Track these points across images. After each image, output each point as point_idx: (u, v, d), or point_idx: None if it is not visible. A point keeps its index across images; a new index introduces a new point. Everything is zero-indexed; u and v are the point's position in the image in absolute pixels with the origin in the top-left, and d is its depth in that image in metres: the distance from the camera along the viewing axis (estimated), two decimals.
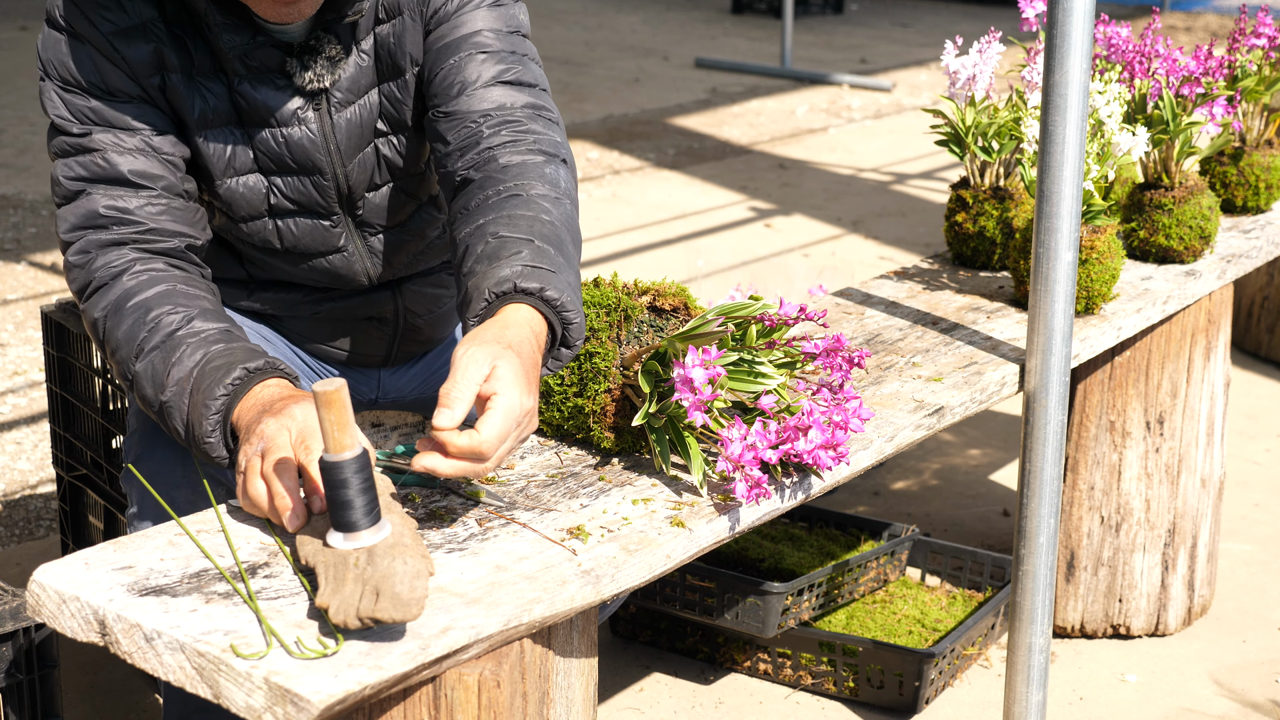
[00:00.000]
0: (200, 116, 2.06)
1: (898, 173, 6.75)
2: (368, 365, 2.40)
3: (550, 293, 1.81)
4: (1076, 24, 2.20)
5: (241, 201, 2.12)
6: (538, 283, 1.81)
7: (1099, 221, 2.54)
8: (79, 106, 2.03)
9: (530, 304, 1.81)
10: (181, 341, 1.90)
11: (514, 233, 1.89)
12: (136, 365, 1.92)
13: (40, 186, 6.11)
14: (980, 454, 3.89)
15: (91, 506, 2.85)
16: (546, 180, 1.99)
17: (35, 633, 2.11)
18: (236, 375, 1.83)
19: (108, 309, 1.96)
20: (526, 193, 1.96)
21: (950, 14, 11.36)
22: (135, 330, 1.93)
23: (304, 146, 2.10)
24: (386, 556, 1.57)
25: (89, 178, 2.02)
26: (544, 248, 1.88)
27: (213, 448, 1.84)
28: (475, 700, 1.62)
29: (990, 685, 2.86)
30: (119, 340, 1.94)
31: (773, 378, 1.94)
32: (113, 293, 1.97)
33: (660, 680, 2.85)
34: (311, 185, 2.13)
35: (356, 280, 2.25)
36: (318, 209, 2.16)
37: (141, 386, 1.92)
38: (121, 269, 1.98)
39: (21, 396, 4.13)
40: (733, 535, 1.91)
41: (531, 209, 1.94)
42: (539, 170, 2.00)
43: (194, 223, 2.07)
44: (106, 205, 2.01)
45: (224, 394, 1.82)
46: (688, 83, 8.65)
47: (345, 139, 2.12)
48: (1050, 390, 2.34)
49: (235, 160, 2.09)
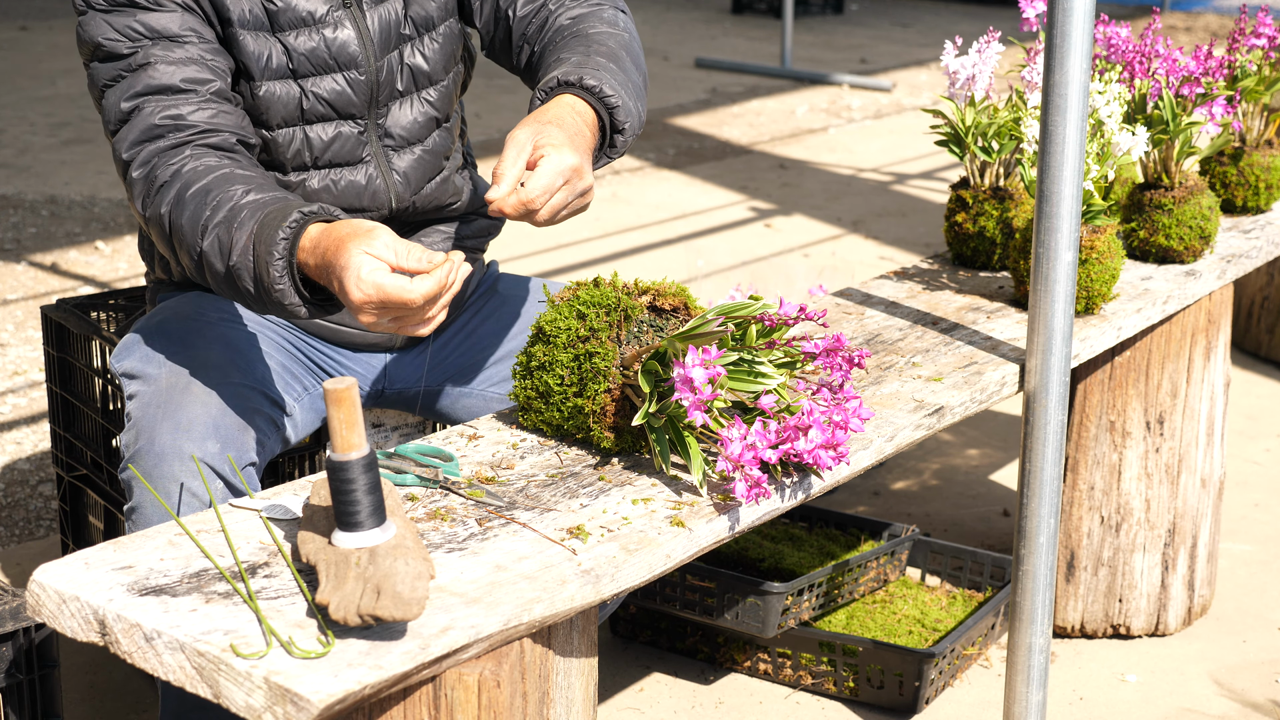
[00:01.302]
0: (239, 18, 2.19)
1: (898, 173, 6.75)
2: (375, 347, 2.41)
3: (589, 80, 2.09)
4: (1076, 24, 2.20)
5: (277, 105, 2.23)
6: (578, 74, 2.10)
7: (1099, 221, 2.54)
8: (124, 25, 2.13)
9: (572, 93, 2.09)
10: (241, 209, 1.99)
11: (571, 54, 2.18)
12: (204, 243, 2.01)
13: (40, 186, 6.11)
14: (980, 454, 3.89)
15: (91, 506, 2.85)
16: (605, 21, 2.28)
17: (35, 633, 2.11)
18: (294, 219, 1.93)
19: (171, 203, 2.05)
20: (587, 31, 2.25)
21: (950, 14, 11.36)
22: (198, 213, 2.02)
23: (343, 42, 2.24)
24: (389, 556, 1.57)
25: (141, 92, 2.11)
26: (596, 58, 2.16)
27: (284, 294, 1.94)
28: (475, 700, 1.62)
29: (990, 685, 2.86)
30: (184, 227, 2.03)
31: (773, 378, 1.94)
32: (174, 188, 2.06)
33: (660, 680, 2.85)
34: (347, 83, 2.26)
35: (379, 201, 2.32)
36: (350, 109, 2.27)
37: (210, 262, 2.01)
38: (179, 165, 2.08)
39: (21, 396, 4.13)
40: (733, 535, 1.91)
41: (590, 41, 2.22)
42: (599, 15, 2.29)
43: (244, 125, 2.18)
44: (161, 116, 2.10)
45: (284, 237, 1.92)
46: (688, 83, 8.65)
47: (379, 36, 2.27)
48: (1050, 390, 2.34)
49: (271, 63, 2.22)
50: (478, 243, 2.49)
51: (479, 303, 2.51)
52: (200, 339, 2.22)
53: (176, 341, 2.21)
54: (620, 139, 2.13)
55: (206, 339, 2.23)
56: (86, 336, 2.75)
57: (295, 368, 2.33)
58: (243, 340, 2.26)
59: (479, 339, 2.46)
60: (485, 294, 2.53)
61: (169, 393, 2.13)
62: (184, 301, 2.33)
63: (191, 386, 2.13)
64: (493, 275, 2.57)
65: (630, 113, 2.13)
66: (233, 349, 2.23)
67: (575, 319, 2.01)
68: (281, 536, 1.76)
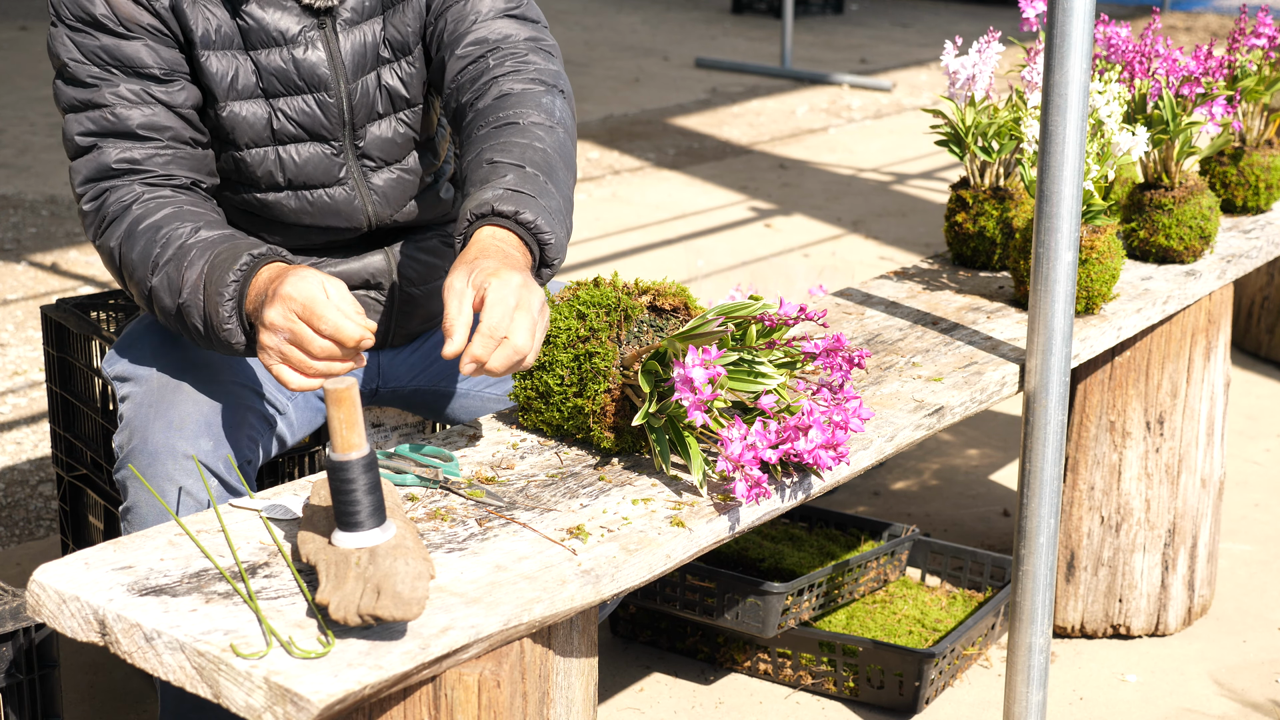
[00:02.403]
0: (204, 37, 2.15)
1: (898, 173, 6.75)
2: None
3: (525, 215, 1.96)
4: (1076, 24, 2.20)
5: (244, 126, 2.20)
6: (514, 205, 1.96)
7: (1099, 221, 2.54)
8: (89, 46, 2.11)
9: (505, 225, 1.97)
10: (191, 249, 2.03)
11: (506, 158, 2.04)
12: (153, 280, 2.04)
13: (40, 186, 6.11)
14: (980, 454, 3.89)
15: (91, 506, 2.85)
16: (543, 109, 2.14)
17: (35, 633, 2.11)
18: (243, 262, 1.97)
19: (121, 237, 2.08)
20: (523, 120, 2.11)
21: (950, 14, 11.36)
22: (148, 249, 2.05)
23: (311, 63, 2.19)
24: (389, 556, 1.58)
25: (98, 132, 2.12)
26: (532, 173, 2.03)
27: (231, 334, 1.98)
28: (475, 700, 1.62)
29: (990, 685, 2.86)
30: (134, 262, 2.07)
31: (773, 378, 1.94)
32: (124, 222, 2.09)
33: (660, 680, 2.85)
34: (316, 105, 2.21)
35: (356, 219, 2.30)
36: (321, 131, 2.23)
37: (160, 298, 2.04)
38: (130, 201, 2.10)
39: (21, 396, 4.13)
40: (733, 535, 1.91)
41: (526, 136, 2.09)
42: (536, 99, 2.15)
43: (200, 167, 2.19)
44: (117, 158, 2.11)
45: (234, 279, 1.96)
46: (688, 83, 8.65)
47: (350, 58, 2.22)
48: (1050, 390, 2.34)
49: (238, 83, 2.17)
50: None
51: None
52: None
53: (168, 343, 2.21)
54: (547, 272, 2.00)
55: None
56: (86, 336, 2.75)
57: None
58: None
59: None
60: None
61: (160, 392, 2.13)
62: None
63: (183, 386, 2.14)
64: None
65: (560, 248, 2.00)
66: None
67: (575, 319, 2.01)
68: (281, 536, 1.76)
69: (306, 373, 1.88)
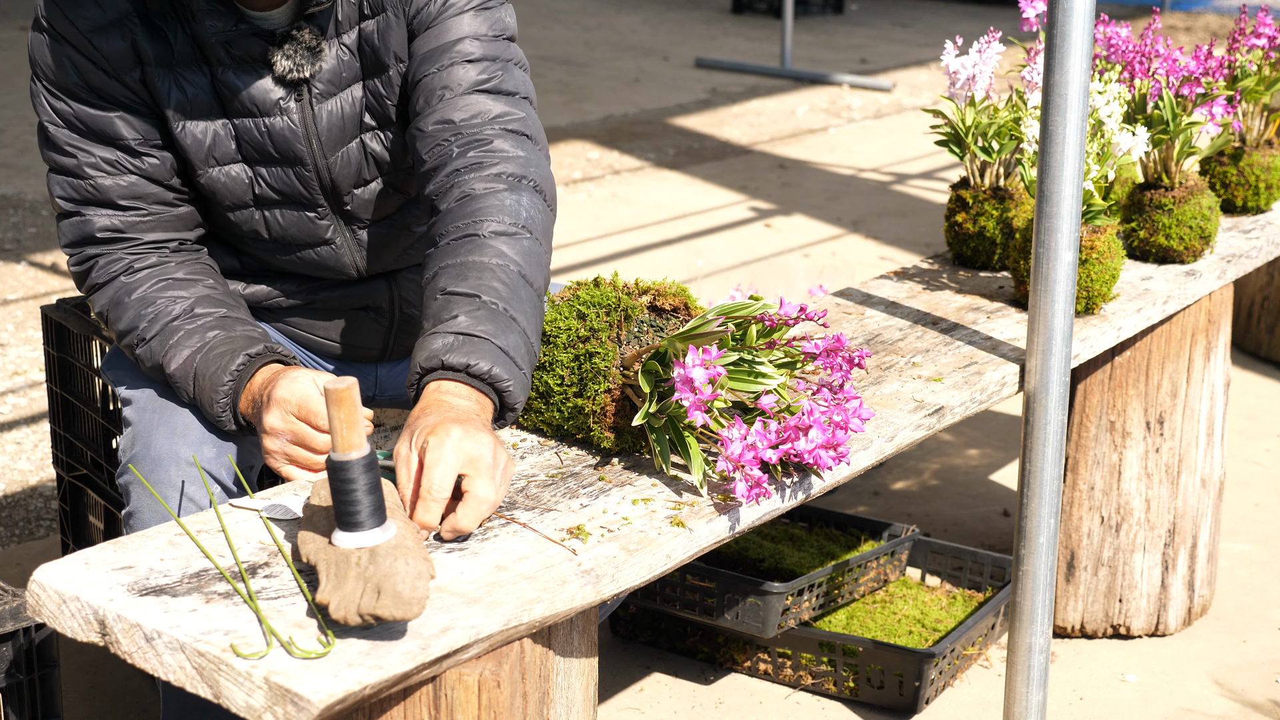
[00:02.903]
0: (178, 107, 2.11)
1: (898, 173, 6.75)
2: (364, 360, 2.40)
3: (479, 366, 1.84)
4: (1076, 24, 2.20)
5: (225, 191, 2.17)
6: (464, 357, 1.84)
7: (1099, 221, 2.54)
8: (65, 113, 2.11)
9: (456, 379, 1.84)
10: (180, 329, 2.07)
11: (461, 288, 1.92)
12: (139, 351, 2.10)
13: (40, 186, 6.11)
14: (980, 454, 3.89)
15: (91, 506, 2.85)
16: (506, 211, 2.00)
17: (35, 633, 2.11)
18: (239, 363, 2.01)
19: (107, 305, 2.13)
20: (483, 232, 1.98)
21: (950, 14, 11.36)
22: (135, 322, 2.10)
23: (285, 137, 2.14)
24: (389, 556, 1.57)
25: (80, 200, 2.13)
26: (490, 305, 1.90)
27: (225, 423, 2.04)
28: (475, 700, 1.62)
29: (990, 685, 2.86)
30: (121, 330, 2.12)
31: (773, 378, 1.94)
32: (110, 290, 2.13)
33: (660, 680, 2.85)
34: (295, 176, 2.17)
35: (345, 272, 2.29)
36: (302, 200, 2.20)
37: (144, 366, 2.11)
38: (117, 271, 2.14)
39: (21, 396, 4.13)
40: (733, 535, 1.91)
41: (485, 254, 1.95)
42: (500, 201, 2.01)
43: (186, 225, 2.20)
44: (101, 227, 2.13)
45: (229, 380, 2.01)
46: (688, 83, 8.64)
47: (327, 131, 2.16)
48: (1050, 390, 2.34)
49: (217, 150, 2.14)
50: None
51: None
52: None
53: None
54: (511, 415, 1.90)
55: None
56: (86, 336, 2.75)
57: None
58: None
59: None
60: None
61: (164, 398, 2.13)
62: None
63: None
64: None
65: (522, 390, 1.89)
66: None
67: (575, 319, 2.01)
68: (282, 536, 1.76)
69: (314, 468, 1.95)
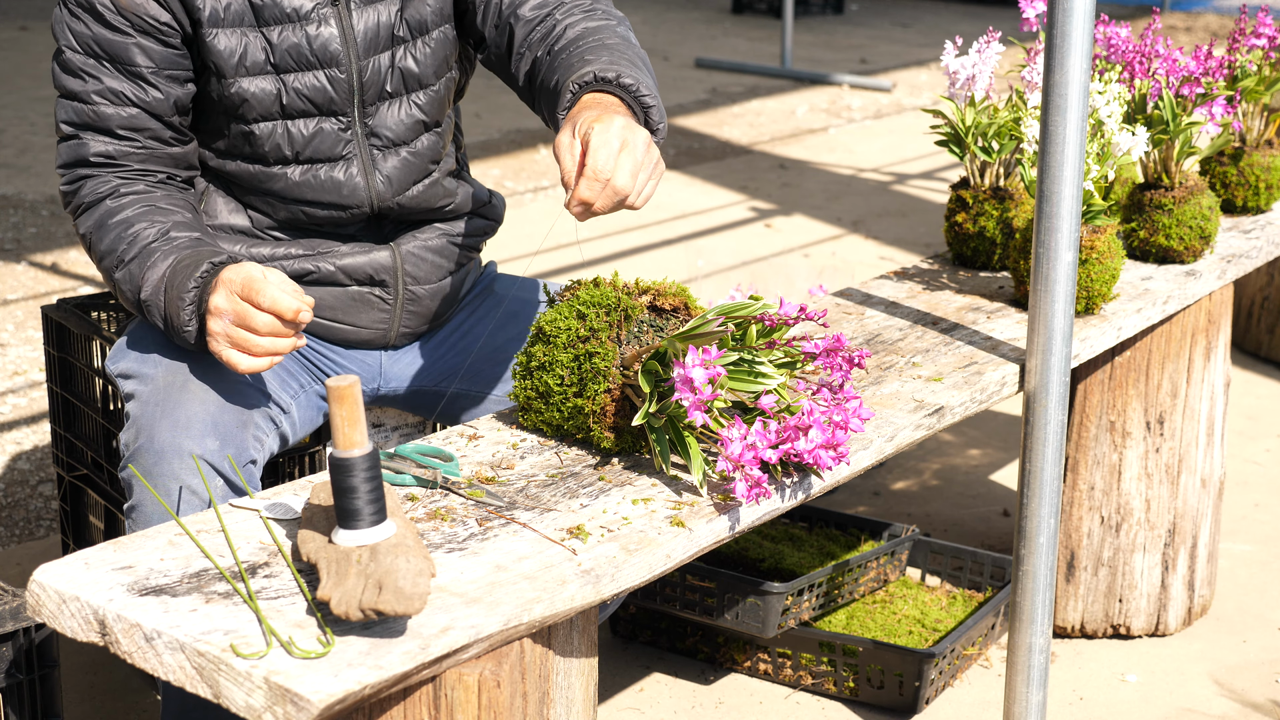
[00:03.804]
0: (212, 14, 2.19)
1: (898, 173, 6.75)
2: (369, 344, 2.41)
3: (626, 79, 2.07)
4: (1076, 24, 2.20)
5: (253, 101, 2.24)
6: (615, 71, 2.07)
7: (1099, 221, 2.54)
8: (83, 35, 2.18)
9: (608, 90, 2.07)
10: (155, 250, 2.14)
11: (598, 56, 2.14)
12: (117, 274, 2.16)
13: (40, 186, 6.11)
14: (980, 454, 3.89)
15: (91, 506, 2.85)
16: (619, 36, 2.23)
17: (35, 633, 2.11)
18: (204, 269, 2.07)
19: (92, 227, 2.20)
20: (605, 42, 2.20)
21: (950, 14, 11.36)
22: (115, 245, 2.16)
23: (324, 39, 2.24)
24: (390, 554, 1.58)
25: (80, 124, 2.21)
26: (628, 58, 2.14)
27: (191, 335, 2.08)
28: (475, 700, 1.62)
29: (990, 685, 2.86)
30: (103, 252, 2.18)
31: (773, 378, 1.94)
32: (96, 212, 2.20)
33: (660, 680, 2.85)
34: (327, 80, 2.25)
35: (359, 198, 2.32)
36: (331, 107, 2.28)
37: (122, 291, 2.17)
38: (105, 193, 2.20)
39: (21, 396, 4.13)
40: (733, 535, 1.91)
41: (613, 50, 2.18)
42: (611, 30, 2.24)
43: (177, 163, 2.28)
44: (96, 152, 2.21)
45: (194, 286, 2.06)
46: (688, 83, 8.64)
47: (363, 37, 2.26)
48: (1050, 390, 2.34)
49: (246, 59, 2.22)
50: (473, 242, 2.49)
51: (475, 302, 2.51)
52: None
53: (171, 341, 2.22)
54: (654, 137, 2.08)
55: None
56: (87, 336, 2.75)
57: (291, 365, 2.33)
58: None
59: (475, 338, 2.46)
60: (481, 294, 2.53)
61: (167, 391, 2.13)
62: None
63: (189, 384, 2.14)
64: (490, 275, 2.57)
65: (662, 114, 2.11)
66: None
67: (575, 319, 2.01)
68: (282, 536, 1.76)
69: (254, 352, 2.02)
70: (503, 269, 4.30)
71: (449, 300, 2.45)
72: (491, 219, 2.51)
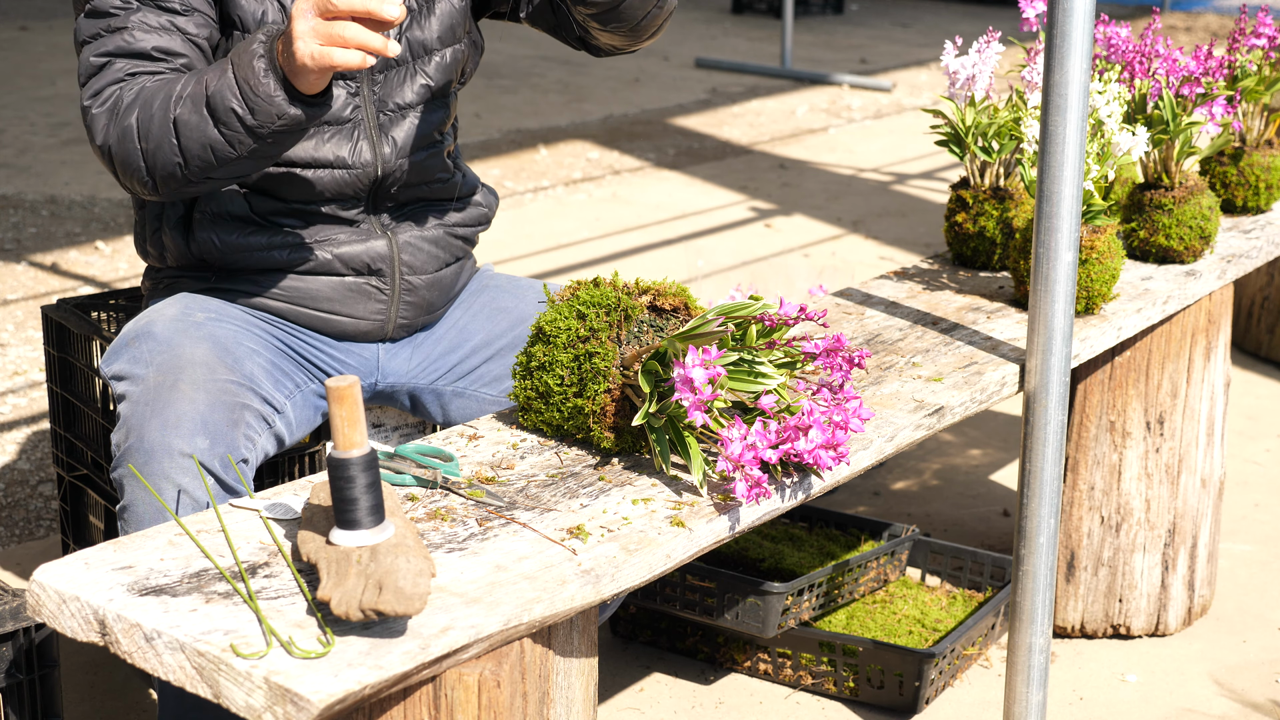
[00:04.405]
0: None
1: (898, 173, 6.75)
2: (365, 337, 2.41)
3: None
4: (1076, 24, 2.20)
5: None
6: None
7: (1099, 221, 2.54)
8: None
9: None
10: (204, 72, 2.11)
11: None
12: (176, 111, 2.10)
13: (40, 186, 6.11)
14: (980, 454, 3.89)
15: (91, 506, 2.85)
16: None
17: (35, 633, 2.11)
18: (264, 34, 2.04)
19: (138, 109, 2.14)
20: None
21: (950, 14, 11.36)
22: (166, 101, 2.12)
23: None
24: (390, 554, 1.58)
25: (113, 52, 2.21)
26: None
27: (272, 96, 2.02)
28: (475, 700, 1.62)
29: (990, 685, 2.86)
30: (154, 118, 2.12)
31: (773, 378, 1.94)
32: (138, 102, 2.15)
33: (660, 680, 2.85)
34: None
35: (362, 160, 2.33)
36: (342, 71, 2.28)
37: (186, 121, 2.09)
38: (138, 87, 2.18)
39: (21, 396, 4.13)
40: (733, 535, 1.91)
41: None
42: None
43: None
44: (125, 73, 2.20)
45: (262, 40, 2.02)
46: (688, 83, 8.65)
47: None
48: (1050, 390, 2.34)
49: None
50: (468, 233, 2.50)
51: (470, 300, 2.52)
52: (186, 338, 2.23)
53: (163, 342, 2.22)
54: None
55: (193, 338, 2.23)
56: (87, 336, 2.75)
57: (285, 364, 2.33)
58: (230, 338, 2.26)
59: (469, 336, 2.47)
60: (476, 291, 2.54)
61: (157, 390, 2.13)
62: (170, 304, 2.33)
63: (179, 384, 2.14)
64: (486, 274, 2.58)
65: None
66: (220, 347, 2.23)
67: (575, 319, 2.01)
68: (281, 536, 1.76)
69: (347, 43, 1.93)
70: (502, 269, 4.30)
71: (445, 292, 2.46)
72: (485, 206, 2.53)
